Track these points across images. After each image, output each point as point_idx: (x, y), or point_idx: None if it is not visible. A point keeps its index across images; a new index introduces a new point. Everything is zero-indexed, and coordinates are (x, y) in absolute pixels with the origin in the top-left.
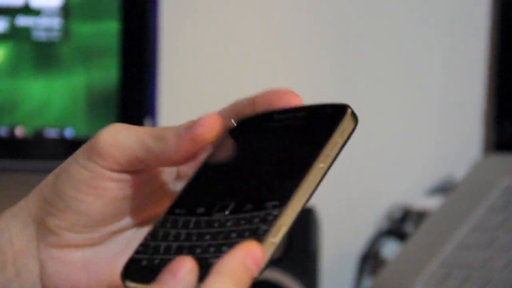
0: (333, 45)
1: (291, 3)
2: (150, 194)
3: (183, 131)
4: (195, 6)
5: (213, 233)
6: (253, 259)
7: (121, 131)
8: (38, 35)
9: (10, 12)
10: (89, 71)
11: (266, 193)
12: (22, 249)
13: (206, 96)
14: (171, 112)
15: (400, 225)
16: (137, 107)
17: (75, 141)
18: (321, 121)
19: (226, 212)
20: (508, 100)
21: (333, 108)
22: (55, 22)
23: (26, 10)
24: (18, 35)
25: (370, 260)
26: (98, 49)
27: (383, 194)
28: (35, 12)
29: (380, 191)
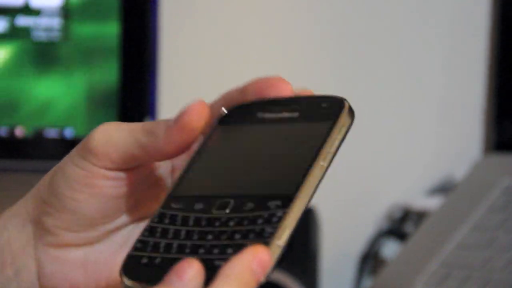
0: (333, 45)
1: (291, 3)
2: (146, 190)
3: (172, 122)
4: (195, 6)
5: (215, 232)
6: (260, 263)
7: (113, 129)
8: (38, 35)
9: (10, 12)
10: (89, 71)
11: (267, 191)
12: (21, 249)
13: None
14: (171, 112)
15: (400, 225)
16: (137, 107)
17: (75, 141)
18: (318, 115)
19: (227, 211)
20: (508, 100)
21: (329, 101)
22: (55, 22)
23: (26, 10)
24: (18, 35)
25: (370, 260)
26: (98, 49)
27: (383, 194)
28: (35, 12)
29: (380, 191)
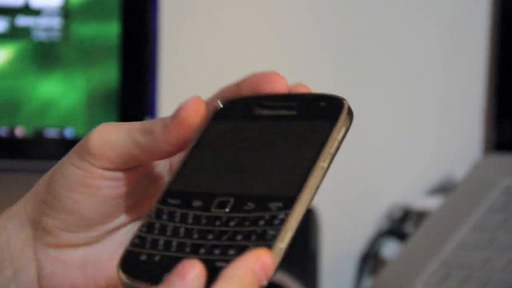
0: (333, 45)
1: (291, 3)
2: (145, 189)
3: (169, 120)
4: (195, 6)
5: (215, 232)
6: (263, 267)
7: (111, 130)
8: (38, 35)
9: (10, 12)
10: (89, 71)
11: (267, 191)
12: (20, 249)
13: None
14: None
15: (400, 225)
16: (137, 107)
17: (75, 141)
18: (317, 114)
19: (226, 209)
20: (508, 100)
21: (328, 100)
22: (55, 22)
23: (26, 10)
24: (18, 35)
25: (370, 260)
26: (98, 49)
27: (383, 194)
28: (35, 12)
29: (380, 191)
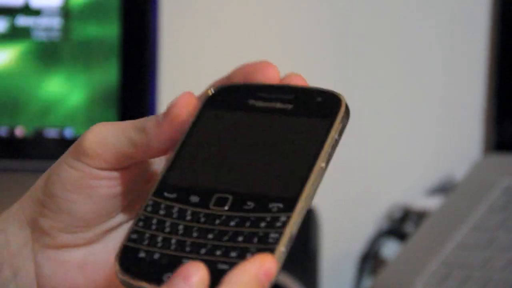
0: (333, 45)
1: (291, 3)
2: (141, 187)
3: (161, 117)
4: (195, 6)
5: (215, 231)
6: (266, 273)
7: (106, 129)
8: (38, 35)
9: (10, 12)
10: (89, 71)
11: (267, 191)
12: (19, 250)
13: None
14: None
15: (400, 225)
16: (137, 107)
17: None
18: (314, 110)
19: (225, 208)
20: (508, 100)
21: (325, 96)
22: (55, 22)
23: (26, 10)
24: (18, 35)
25: (370, 260)
26: (98, 49)
27: (383, 194)
28: (35, 12)
29: (380, 191)
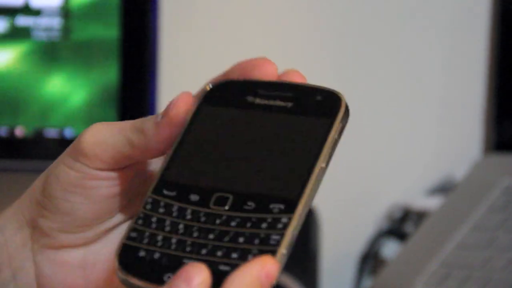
0: (333, 45)
1: (291, 3)
2: (140, 186)
3: (160, 117)
4: (195, 6)
5: (216, 231)
6: (268, 275)
7: (104, 130)
8: (38, 35)
9: (10, 12)
10: (89, 71)
11: (267, 191)
12: (18, 250)
13: None
14: None
15: (400, 225)
16: (137, 107)
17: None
18: (314, 109)
19: (226, 207)
20: (508, 100)
21: (324, 95)
22: (55, 22)
23: (26, 10)
24: (18, 35)
25: (370, 260)
26: (98, 49)
27: (383, 194)
28: (35, 12)
29: (380, 191)
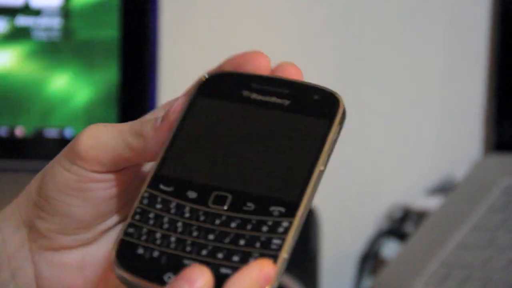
0: (333, 45)
1: (291, 3)
2: (137, 187)
3: (159, 122)
4: (195, 6)
5: (216, 232)
6: (266, 278)
7: (101, 132)
8: (38, 35)
9: (10, 12)
10: (89, 71)
11: (267, 192)
12: (16, 250)
13: None
14: None
15: (400, 225)
16: (137, 107)
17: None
18: (311, 109)
19: (225, 207)
20: (508, 100)
21: (322, 95)
22: (55, 22)
23: (26, 10)
24: (18, 35)
25: (370, 260)
26: (98, 49)
27: (383, 194)
28: (35, 12)
29: (380, 191)
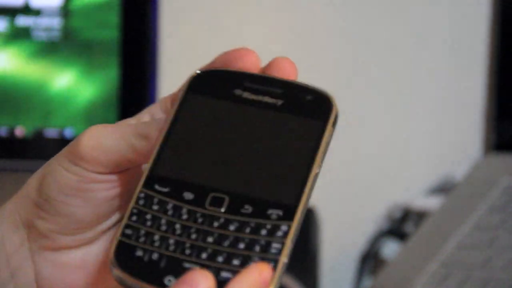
0: (333, 46)
1: (291, 3)
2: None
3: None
4: (195, 6)
5: (214, 234)
6: (264, 281)
7: (104, 133)
8: (38, 35)
9: (10, 12)
10: (90, 71)
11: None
12: (16, 250)
13: None
14: None
15: (400, 225)
16: (137, 107)
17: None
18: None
19: (222, 209)
20: (508, 100)
21: (314, 95)
22: (55, 22)
23: (26, 10)
24: (18, 35)
25: (370, 260)
26: (98, 49)
27: (383, 194)
28: (35, 12)
29: (380, 191)
